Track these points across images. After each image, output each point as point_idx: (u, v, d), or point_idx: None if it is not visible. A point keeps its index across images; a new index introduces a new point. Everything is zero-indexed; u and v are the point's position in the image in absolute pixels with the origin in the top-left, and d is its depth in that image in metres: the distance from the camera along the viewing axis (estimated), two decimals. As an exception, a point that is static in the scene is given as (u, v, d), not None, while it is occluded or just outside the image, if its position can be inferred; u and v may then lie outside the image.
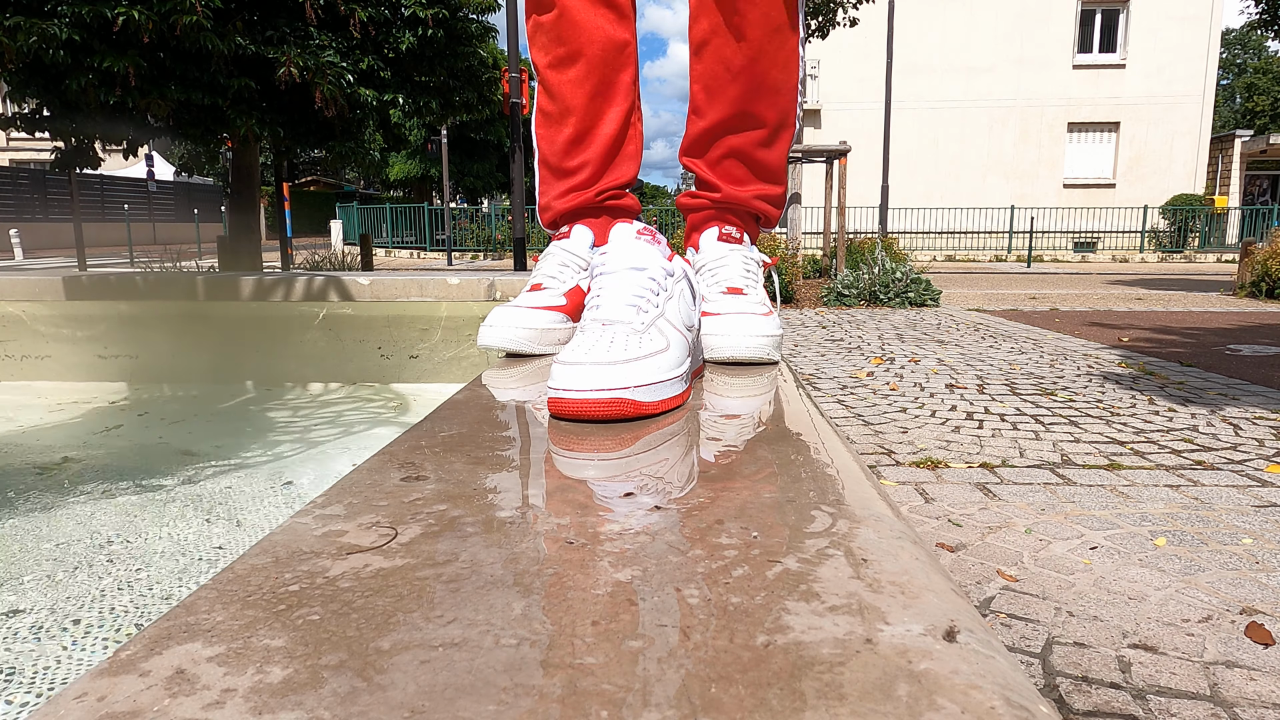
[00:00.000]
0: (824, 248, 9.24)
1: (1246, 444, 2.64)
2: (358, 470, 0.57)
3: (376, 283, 2.43)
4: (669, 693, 0.29)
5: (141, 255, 17.09)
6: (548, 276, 1.07)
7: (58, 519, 1.50)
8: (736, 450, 0.61)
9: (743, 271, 1.04)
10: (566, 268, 1.06)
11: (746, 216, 1.12)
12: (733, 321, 0.95)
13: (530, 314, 1.01)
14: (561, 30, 1.04)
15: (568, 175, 1.11)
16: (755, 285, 1.04)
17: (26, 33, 4.83)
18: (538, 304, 1.03)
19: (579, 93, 1.06)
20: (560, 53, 1.05)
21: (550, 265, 1.08)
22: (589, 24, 1.03)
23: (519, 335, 1.00)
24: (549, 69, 1.07)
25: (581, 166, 1.10)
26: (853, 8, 11.45)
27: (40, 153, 28.90)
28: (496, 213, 19.84)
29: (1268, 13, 11.71)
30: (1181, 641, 1.39)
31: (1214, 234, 19.59)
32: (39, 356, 2.46)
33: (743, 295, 1.00)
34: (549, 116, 1.11)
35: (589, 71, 1.05)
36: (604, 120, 1.08)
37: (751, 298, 1.01)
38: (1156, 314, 6.71)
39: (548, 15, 1.04)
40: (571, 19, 1.03)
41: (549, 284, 1.05)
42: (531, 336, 1.00)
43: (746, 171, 1.08)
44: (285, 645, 0.33)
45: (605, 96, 1.07)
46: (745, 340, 0.93)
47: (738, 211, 1.11)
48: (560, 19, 1.04)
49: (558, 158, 1.10)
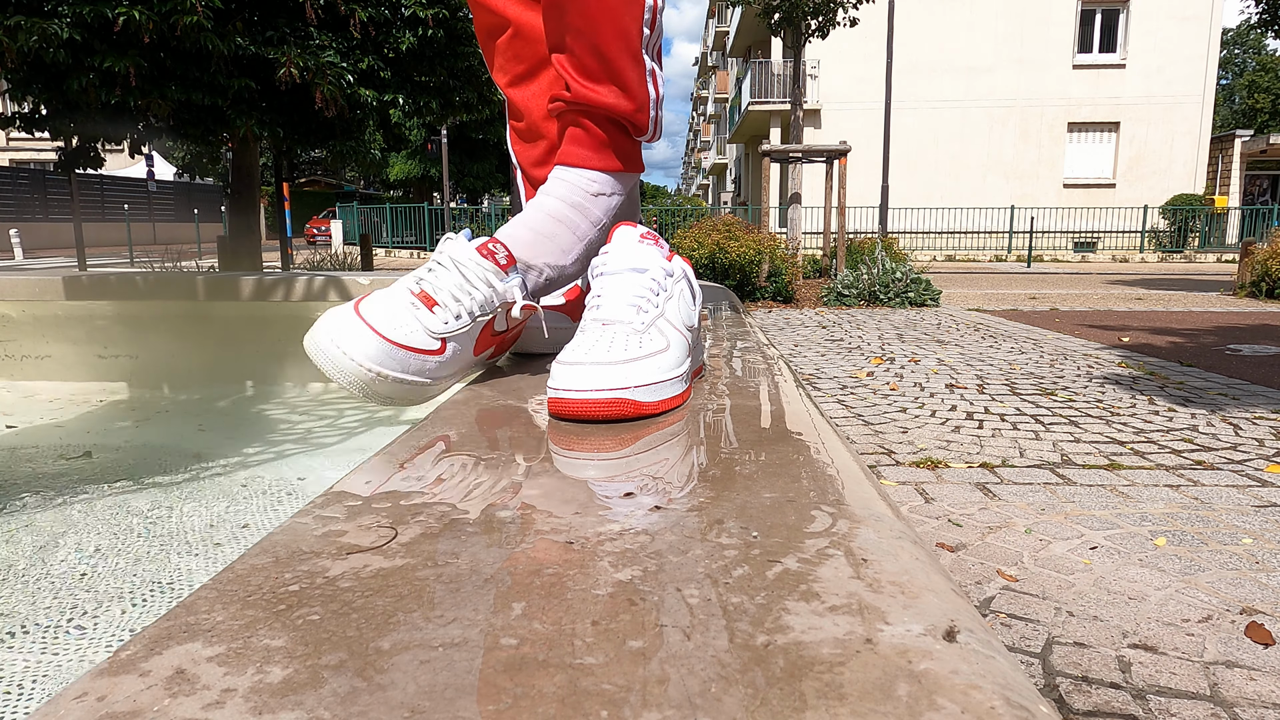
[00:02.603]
0: (824, 248, 9.24)
1: (1246, 444, 2.64)
2: (358, 470, 0.57)
3: (377, 283, 2.43)
4: (669, 693, 0.29)
5: (141, 255, 17.09)
6: None
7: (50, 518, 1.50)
8: (736, 450, 0.61)
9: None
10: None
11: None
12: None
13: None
14: (518, 48, 1.04)
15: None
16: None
17: (27, 32, 4.83)
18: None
19: (544, 106, 1.05)
20: (520, 70, 1.05)
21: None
22: (543, 38, 1.02)
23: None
24: (511, 88, 1.07)
25: None
26: (853, 8, 11.45)
27: (40, 153, 28.92)
28: (496, 212, 19.84)
29: (1268, 12, 11.70)
30: (1181, 641, 1.39)
31: (1214, 234, 19.59)
32: (39, 356, 2.46)
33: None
34: (521, 134, 1.10)
35: (552, 84, 1.03)
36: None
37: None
38: (1156, 314, 6.71)
39: (503, 36, 1.04)
40: (526, 36, 1.02)
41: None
42: (532, 336, 1.00)
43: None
44: (285, 645, 0.33)
45: None
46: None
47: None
48: (515, 38, 1.03)
49: (538, 172, 1.10)
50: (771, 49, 21.27)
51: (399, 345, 0.75)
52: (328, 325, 0.74)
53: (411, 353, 0.75)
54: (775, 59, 20.76)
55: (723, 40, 34.98)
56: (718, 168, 39.68)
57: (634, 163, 1.00)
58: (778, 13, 11.65)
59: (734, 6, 16.84)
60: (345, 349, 0.72)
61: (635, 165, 1.01)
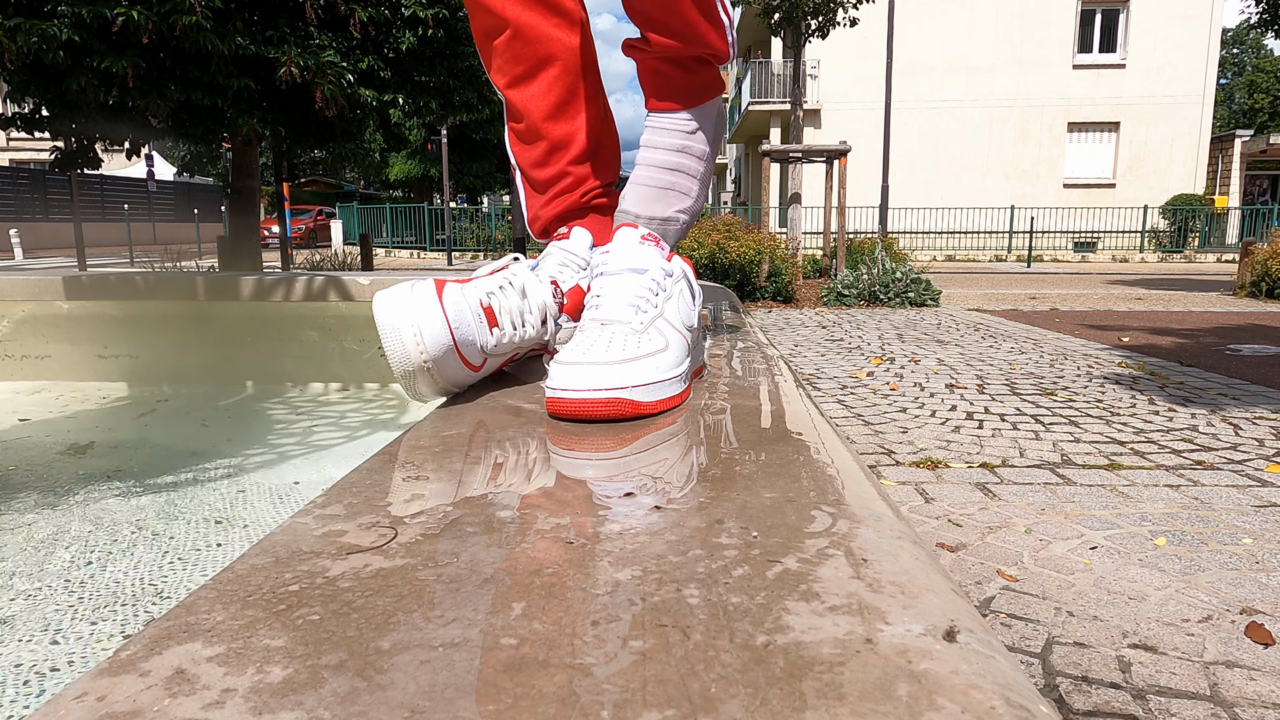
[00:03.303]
0: (824, 248, 9.24)
1: (1246, 444, 2.64)
2: (358, 470, 0.57)
3: (376, 283, 2.43)
4: (669, 693, 0.29)
5: (142, 255, 17.09)
6: (547, 276, 1.07)
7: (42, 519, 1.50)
8: (736, 450, 0.61)
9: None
10: (566, 267, 1.06)
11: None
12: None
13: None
14: (517, 49, 1.03)
15: (551, 185, 1.11)
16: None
17: (27, 33, 4.83)
18: None
19: (544, 107, 1.06)
20: (519, 71, 1.05)
21: (550, 265, 1.08)
22: (544, 37, 1.02)
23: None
24: (510, 89, 1.07)
25: (561, 176, 1.10)
26: (853, 8, 11.45)
27: (40, 153, 28.93)
28: (496, 212, 19.84)
29: (1268, 12, 11.71)
30: (1181, 641, 1.39)
31: (1214, 234, 19.60)
32: (39, 356, 2.46)
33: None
34: (520, 135, 1.10)
35: (551, 84, 1.05)
36: (575, 128, 1.08)
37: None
38: (1156, 314, 6.71)
39: (501, 38, 1.04)
40: (525, 36, 1.02)
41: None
42: (533, 336, 1.00)
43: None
44: (285, 645, 0.33)
45: (572, 105, 1.07)
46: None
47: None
48: (514, 38, 1.02)
49: (538, 173, 1.10)
50: (771, 49, 21.27)
51: (459, 353, 0.78)
52: (413, 309, 0.75)
53: (462, 362, 0.78)
54: (775, 59, 20.76)
55: (723, 40, 34.91)
56: (718, 168, 39.73)
57: (717, 86, 1.05)
58: (778, 13, 11.65)
59: (734, 6, 16.82)
60: (422, 338, 0.74)
61: (719, 87, 1.05)
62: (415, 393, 0.78)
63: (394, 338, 0.73)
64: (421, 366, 0.74)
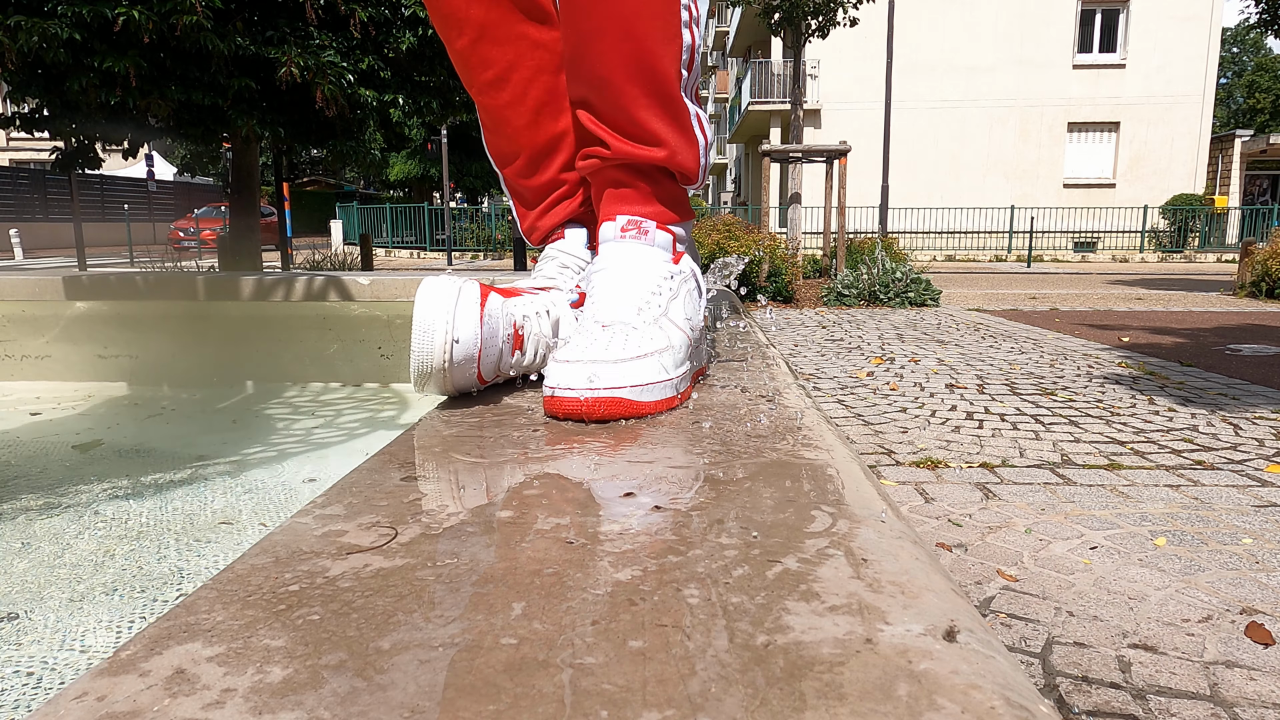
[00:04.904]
0: (824, 248, 9.24)
1: (1246, 444, 2.64)
2: (358, 470, 0.57)
3: (376, 283, 2.43)
4: (669, 693, 0.29)
5: (142, 255, 17.09)
6: (547, 279, 1.06)
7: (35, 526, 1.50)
8: (737, 450, 0.61)
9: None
10: (566, 269, 1.06)
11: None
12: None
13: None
14: (485, 53, 0.94)
15: (542, 196, 1.04)
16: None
17: (27, 33, 4.83)
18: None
19: (521, 114, 0.97)
20: (489, 76, 0.96)
21: (550, 268, 1.07)
22: (512, 37, 0.94)
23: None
24: (482, 95, 0.98)
25: (555, 184, 1.03)
26: (853, 8, 11.45)
27: (40, 153, 28.92)
28: (496, 212, 19.84)
29: (1268, 12, 11.70)
30: (1181, 641, 1.39)
31: (1214, 234, 19.60)
32: (39, 356, 2.46)
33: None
34: (500, 147, 1.03)
35: (525, 88, 0.96)
36: (563, 130, 0.99)
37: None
38: (1156, 314, 6.71)
39: (463, 40, 0.95)
40: (493, 37, 0.93)
41: (550, 286, 1.05)
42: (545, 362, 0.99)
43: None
44: (285, 645, 0.33)
45: (554, 105, 0.97)
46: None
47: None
48: (481, 39, 0.94)
49: (524, 185, 1.03)
50: (771, 49, 21.27)
51: (478, 367, 0.77)
52: (454, 315, 0.74)
53: (476, 374, 0.78)
54: (775, 59, 20.76)
55: (723, 40, 34.97)
56: (718, 168, 39.68)
57: (685, 210, 0.92)
58: (778, 13, 11.65)
59: (734, 6, 16.83)
60: (451, 347, 0.73)
61: (687, 213, 0.92)
62: (421, 387, 0.78)
63: (426, 338, 0.73)
64: (440, 370, 0.75)
